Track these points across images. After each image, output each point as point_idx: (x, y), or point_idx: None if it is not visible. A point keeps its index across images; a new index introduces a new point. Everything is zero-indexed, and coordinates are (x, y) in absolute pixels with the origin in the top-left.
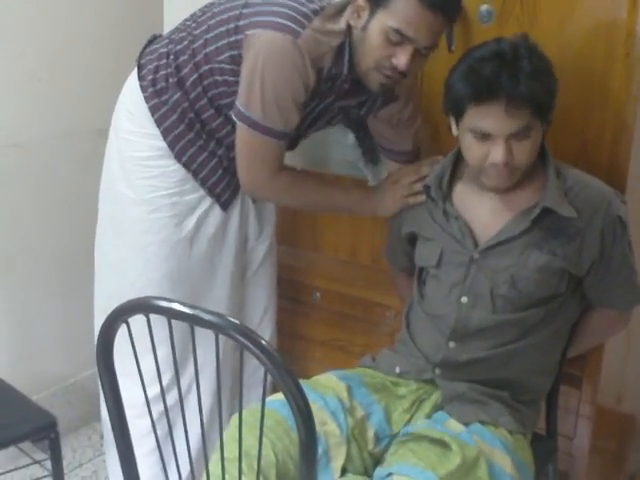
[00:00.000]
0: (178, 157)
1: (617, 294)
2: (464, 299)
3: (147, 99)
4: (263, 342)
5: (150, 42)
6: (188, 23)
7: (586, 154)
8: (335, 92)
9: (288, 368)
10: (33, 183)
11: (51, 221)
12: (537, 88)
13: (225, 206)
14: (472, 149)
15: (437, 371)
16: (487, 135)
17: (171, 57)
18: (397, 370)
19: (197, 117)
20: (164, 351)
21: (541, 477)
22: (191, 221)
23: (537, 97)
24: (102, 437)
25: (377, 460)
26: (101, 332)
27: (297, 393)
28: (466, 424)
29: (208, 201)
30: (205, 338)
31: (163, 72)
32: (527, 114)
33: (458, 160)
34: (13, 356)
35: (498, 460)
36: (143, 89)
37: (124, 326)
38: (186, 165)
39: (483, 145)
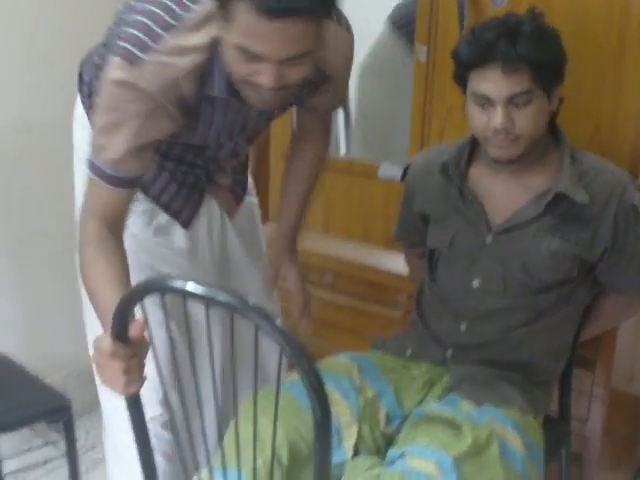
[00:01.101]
0: None
1: (629, 281)
2: (476, 282)
3: (86, 110)
4: (278, 322)
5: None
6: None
7: (599, 137)
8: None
9: (303, 348)
10: (43, 167)
11: (62, 204)
12: (535, 50)
13: (186, 224)
14: (475, 117)
15: (448, 353)
16: (487, 100)
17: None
18: (408, 352)
19: None
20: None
21: (554, 460)
22: (160, 221)
23: (535, 59)
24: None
25: (389, 440)
26: (116, 313)
27: (312, 373)
28: (478, 404)
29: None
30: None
31: (95, 83)
32: (526, 77)
33: (475, 142)
34: (27, 339)
35: (510, 439)
36: (82, 99)
37: None
38: None
39: (485, 112)
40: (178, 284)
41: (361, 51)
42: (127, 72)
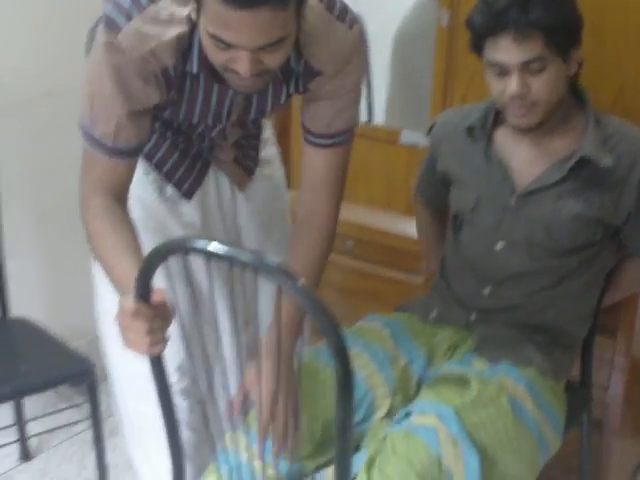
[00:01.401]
0: None
1: None
2: (499, 245)
3: None
4: (300, 282)
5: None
6: None
7: (623, 101)
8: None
9: (326, 307)
10: (68, 132)
11: None
12: (547, 17)
13: (189, 195)
14: (492, 85)
15: (472, 317)
16: (503, 68)
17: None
18: (433, 315)
19: None
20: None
21: (575, 425)
22: (170, 193)
23: (547, 25)
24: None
25: None
26: (140, 273)
27: (334, 333)
28: (494, 363)
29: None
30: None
31: None
32: (538, 44)
33: None
34: (51, 305)
35: (520, 397)
36: None
37: None
38: None
39: (501, 80)
40: (201, 244)
41: (395, 17)
42: (110, 40)
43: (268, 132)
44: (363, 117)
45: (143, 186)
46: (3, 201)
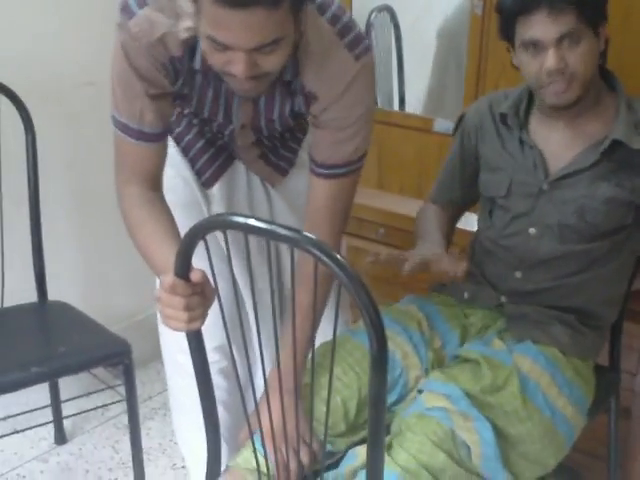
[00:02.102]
0: None
1: None
2: (532, 230)
3: None
4: (338, 256)
5: None
6: None
7: None
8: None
9: (362, 281)
10: (106, 119)
11: None
12: None
13: (208, 185)
14: (527, 65)
15: (503, 298)
16: (537, 45)
17: None
18: (465, 295)
19: None
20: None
21: (603, 410)
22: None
23: (580, 2)
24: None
25: None
26: (180, 250)
27: (370, 305)
28: (518, 342)
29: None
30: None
31: None
32: (572, 18)
33: (532, 92)
34: (87, 290)
35: (535, 377)
36: None
37: None
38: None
39: (536, 58)
40: (240, 220)
41: (433, 8)
42: (125, 25)
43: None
44: (395, 106)
45: (178, 169)
46: (41, 185)
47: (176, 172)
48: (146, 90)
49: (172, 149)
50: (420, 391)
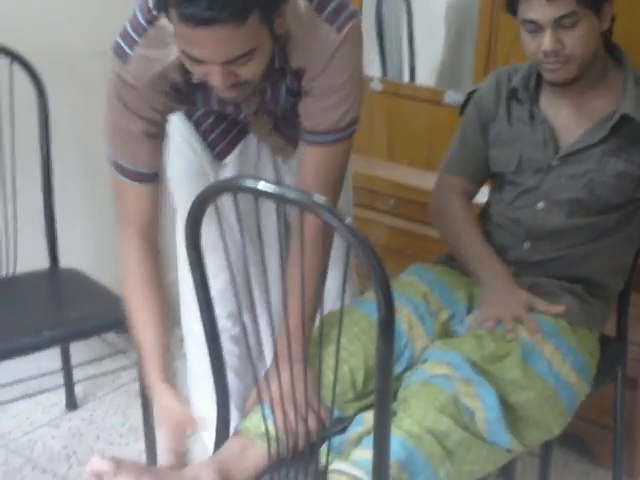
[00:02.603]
0: None
1: None
2: (540, 204)
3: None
4: (348, 220)
5: None
6: None
7: None
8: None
9: (371, 245)
10: None
11: None
12: None
13: (220, 157)
14: (527, 43)
15: (511, 268)
16: (536, 25)
17: None
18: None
19: None
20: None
21: (609, 379)
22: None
23: None
24: (182, 340)
25: None
26: (190, 213)
27: (378, 268)
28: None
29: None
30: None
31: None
32: (570, 2)
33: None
34: (97, 258)
35: (539, 344)
36: None
37: None
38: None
39: (535, 37)
40: (250, 183)
41: None
42: (119, 69)
43: None
44: (405, 77)
45: (190, 143)
46: (54, 153)
47: (186, 142)
48: (145, 130)
49: (183, 124)
50: (424, 360)
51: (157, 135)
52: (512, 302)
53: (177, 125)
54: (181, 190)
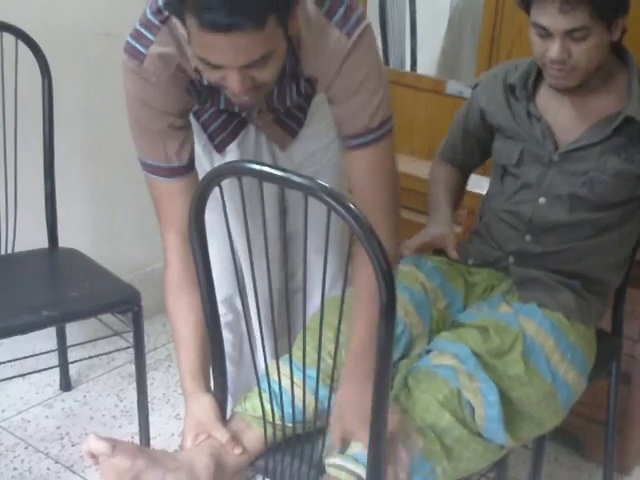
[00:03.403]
0: None
1: None
2: (542, 200)
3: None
4: (351, 205)
5: None
6: None
7: None
8: None
9: (373, 230)
10: (121, 73)
11: None
12: None
13: (220, 149)
14: (535, 45)
15: (511, 259)
16: (546, 31)
17: None
18: (470, 262)
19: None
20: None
21: (604, 374)
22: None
23: (594, 1)
24: None
25: None
26: (195, 195)
27: (380, 255)
28: (523, 303)
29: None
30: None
31: None
32: (584, 15)
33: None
34: (96, 241)
35: (540, 340)
36: None
37: None
38: None
39: (544, 42)
40: (255, 167)
41: None
42: (137, 69)
43: (320, 96)
44: (407, 66)
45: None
46: (56, 133)
47: None
48: (171, 124)
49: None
50: (428, 351)
51: (183, 126)
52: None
53: None
54: None
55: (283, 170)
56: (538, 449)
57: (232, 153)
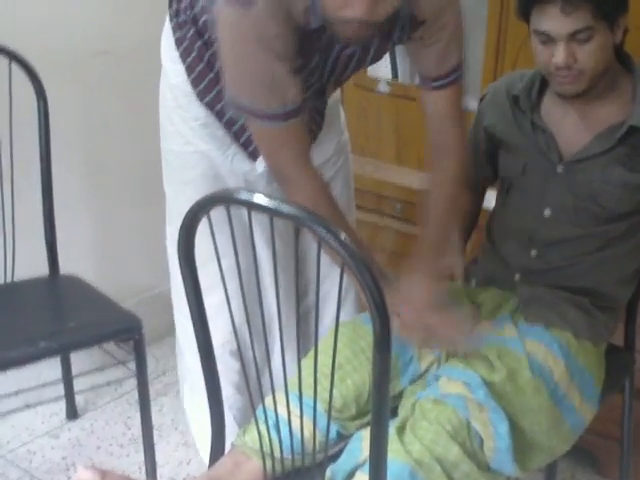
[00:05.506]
0: (200, 97)
1: None
2: (547, 211)
3: (173, 30)
4: (342, 235)
5: None
6: None
7: None
8: (332, 41)
9: (366, 260)
10: (121, 91)
11: (139, 129)
12: None
13: (254, 156)
14: (538, 53)
15: (517, 277)
16: (549, 37)
17: None
18: (473, 283)
19: (215, 56)
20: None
21: (617, 391)
22: (225, 160)
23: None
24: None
25: None
26: (183, 225)
27: (373, 285)
28: (530, 325)
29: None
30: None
31: (183, 3)
32: (586, 15)
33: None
34: (100, 265)
35: (550, 364)
36: (170, 18)
37: None
38: (209, 105)
39: (547, 49)
40: (244, 196)
41: None
42: (249, 14)
43: (334, 97)
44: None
45: (210, 142)
46: (54, 156)
47: (205, 142)
48: (289, 67)
49: (212, 125)
50: (437, 377)
51: (297, 69)
52: None
53: (194, 128)
54: (182, 192)
55: (272, 199)
56: (550, 471)
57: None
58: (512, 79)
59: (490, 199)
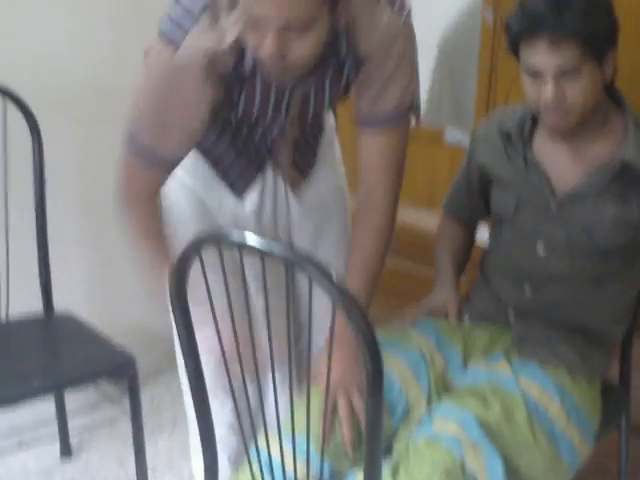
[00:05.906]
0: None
1: None
2: (540, 249)
3: None
4: (333, 276)
5: None
6: None
7: None
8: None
9: (356, 300)
10: (116, 129)
11: None
12: (584, 24)
13: (240, 193)
14: (528, 89)
15: (511, 313)
16: (537, 73)
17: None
18: (466, 319)
19: None
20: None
21: (613, 428)
22: (214, 197)
23: (583, 34)
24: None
25: None
26: (175, 266)
27: (365, 327)
28: (524, 363)
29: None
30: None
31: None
32: (574, 51)
33: None
34: (93, 302)
35: (544, 403)
36: None
37: None
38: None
39: (536, 85)
40: (235, 236)
41: (441, 17)
42: (170, 59)
43: (329, 134)
44: None
45: (198, 178)
46: (48, 194)
47: (194, 183)
48: (202, 121)
49: (200, 162)
50: (431, 417)
51: (205, 122)
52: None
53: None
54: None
55: (263, 240)
56: None
57: (252, 197)
58: (504, 115)
59: (483, 234)
